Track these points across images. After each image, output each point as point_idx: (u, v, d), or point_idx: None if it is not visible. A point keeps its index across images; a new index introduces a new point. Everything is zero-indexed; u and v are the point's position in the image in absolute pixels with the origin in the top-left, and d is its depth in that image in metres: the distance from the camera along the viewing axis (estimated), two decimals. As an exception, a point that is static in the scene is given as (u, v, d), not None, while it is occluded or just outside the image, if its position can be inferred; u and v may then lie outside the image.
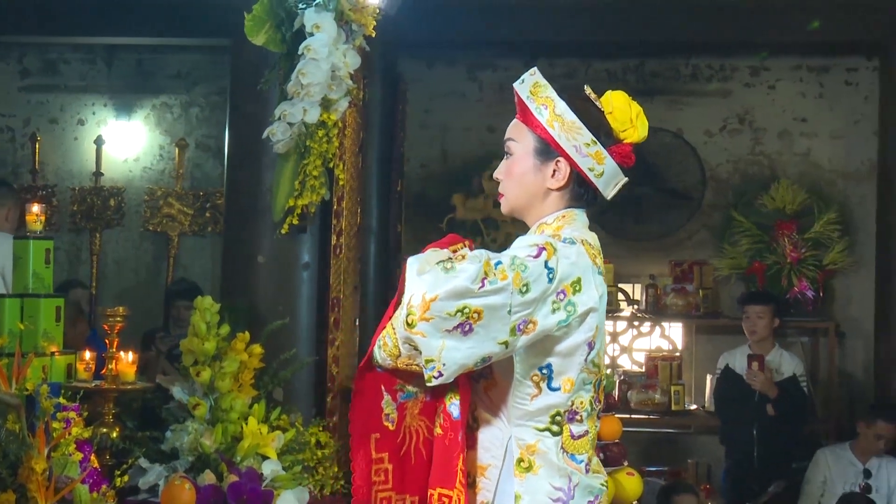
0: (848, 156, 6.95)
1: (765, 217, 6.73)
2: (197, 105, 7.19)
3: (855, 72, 6.97)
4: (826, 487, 5.53)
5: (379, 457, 2.28)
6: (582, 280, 2.15)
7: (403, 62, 6.65)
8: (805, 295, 6.53)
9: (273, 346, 3.92)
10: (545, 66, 7.06)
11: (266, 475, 3.65)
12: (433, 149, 7.15)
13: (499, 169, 2.37)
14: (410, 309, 2.07)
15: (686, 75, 7.05)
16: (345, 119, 4.13)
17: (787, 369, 5.87)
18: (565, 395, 2.18)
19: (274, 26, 3.84)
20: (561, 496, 2.18)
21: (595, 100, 2.30)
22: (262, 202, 4.05)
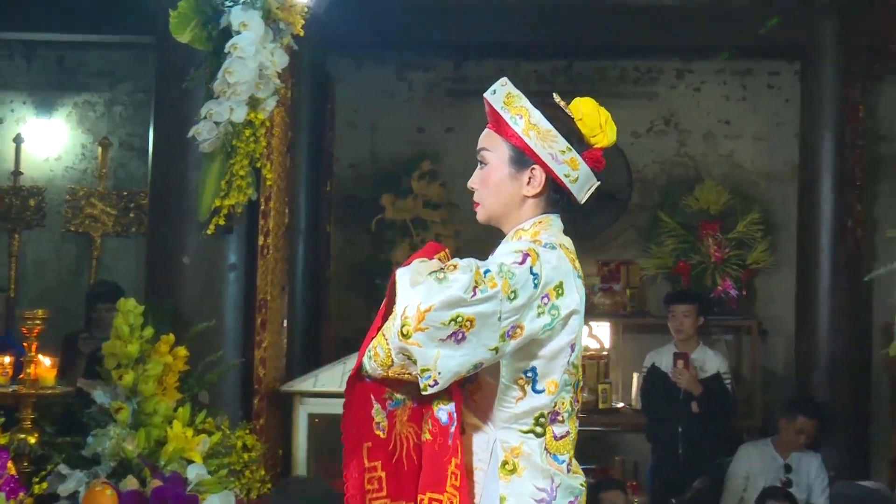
0: (770, 157, 7.08)
1: (690, 217, 6.81)
2: (121, 103, 7.07)
3: (777, 75, 7.10)
4: (749, 482, 5.62)
5: (372, 465, 2.29)
6: (564, 284, 2.20)
7: (332, 61, 6.62)
8: (729, 294, 6.62)
9: (199, 349, 3.89)
10: (473, 66, 7.11)
11: (191, 479, 3.60)
12: (362, 149, 7.11)
13: (473, 178, 2.39)
14: (405, 320, 2.10)
15: (613, 77, 7.12)
16: (272, 118, 4.11)
17: (712, 367, 5.94)
18: (549, 396, 2.23)
19: (200, 24, 3.80)
20: (544, 497, 2.22)
21: (563, 106, 2.34)
22: (188, 202, 4.01)
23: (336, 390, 4.20)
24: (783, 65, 7.03)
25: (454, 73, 7.17)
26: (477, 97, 8.00)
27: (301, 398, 4.25)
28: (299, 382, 4.33)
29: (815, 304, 6.46)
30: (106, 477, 3.51)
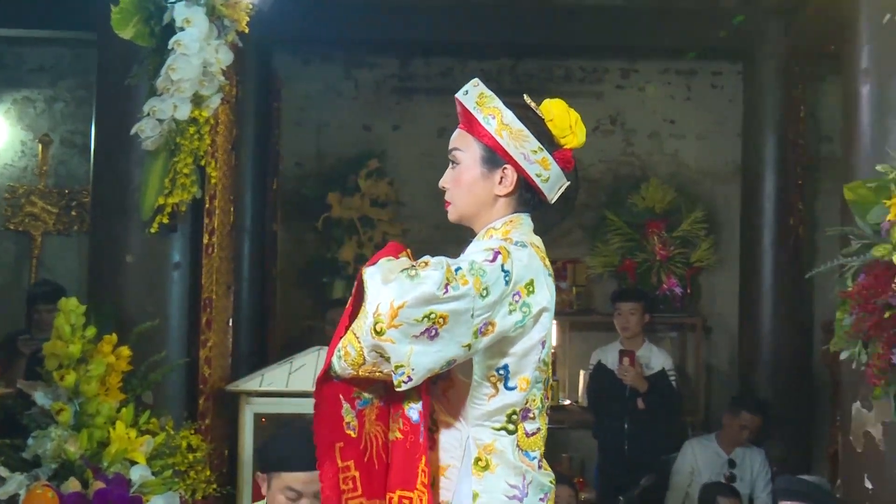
0: (714, 156, 7.18)
1: (635, 216, 6.88)
2: (62, 100, 6.97)
3: (720, 75, 7.20)
4: (693, 478, 5.70)
5: (345, 465, 2.29)
6: (535, 281, 2.22)
7: (278, 59, 6.59)
8: (673, 291, 6.70)
9: (142, 348, 3.86)
10: (421, 65, 7.11)
11: (134, 481, 3.57)
12: (309, 147, 7.10)
13: (445, 178, 2.40)
14: (378, 317, 2.11)
15: (559, 77, 7.17)
16: (217, 116, 4.09)
17: (657, 364, 6.01)
18: (521, 393, 2.25)
19: (142, 20, 3.77)
20: (516, 493, 2.24)
21: (534, 107, 2.37)
22: (131, 200, 3.98)
23: (282, 389, 4.19)
24: (726, 65, 7.13)
25: (401, 71, 7.18)
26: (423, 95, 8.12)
27: (247, 398, 4.22)
28: (245, 382, 4.31)
29: (757, 301, 6.56)
30: (47, 479, 3.47)
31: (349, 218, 6.85)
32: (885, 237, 3.70)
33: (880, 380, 3.69)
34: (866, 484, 3.88)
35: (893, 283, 3.65)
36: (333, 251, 6.86)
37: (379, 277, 2.16)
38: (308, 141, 7.09)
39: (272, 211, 6.30)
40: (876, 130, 3.95)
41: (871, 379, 3.71)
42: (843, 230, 3.96)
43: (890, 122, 3.93)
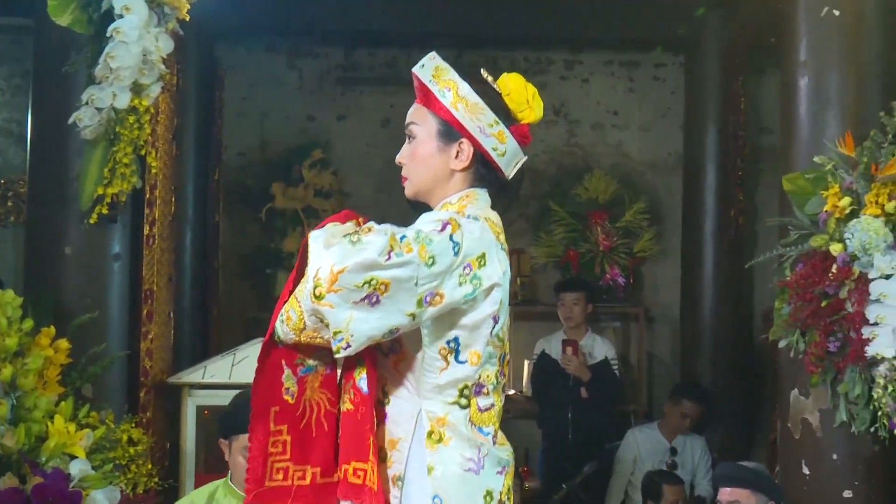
0: (656, 148, 7.24)
1: (579, 206, 6.91)
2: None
3: (663, 67, 7.27)
4: (636, 465, 5.76)
5: (277, 429, 2.27)
6: (487, 255, 2.21)
7: (221, 48, 6.53)
8: (616, 281, 6.75)
9: (82, 341, 3.81)
10: (366, 55, 7.09)
11: (74, 475, 3.52)
12: (252, 137, 7.04)
13: (401, 153, 2.38)
14: (318, 281, 2.09)
15: (503, 67, 7.14)
16: (157, 105, 4.05)
17: (600, 353, 6.06)
18: (472, 368, 2.24)
19: (80, 6, 3.72)
20: (472, 466, 2.23)
21: (491, 82, 2.35)
22: (69, 191, 3.92)
23: (225, 381, 4.17)
24: (669, 57, 7.19)
25: (345, 62, 7.14)
26: (368, 85, 8.07)
27: (189, 390, 4.20)
28: (187, 374, 4.28)
29: (699, 291, 6.64)
30: (-17, 474, 3.42)
31: (293, 208, 6.81)
32: (823, 227, 3.76)
33: (817, 368, 3.76)
34: (804, 470, 3.94)
35: (830, 272, 3.72)
36: (277, 242, 6.81)
37: (322, 241, 2.15)
38: (251, 131, 7.03)
39: (214, 201, 6.25)
40: (814, 122, 4.01)
41: (809, 367, 3.78)
42: (782, 221, 4.02)
43: (827, 114, 3.99)
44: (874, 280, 3.63)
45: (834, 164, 3.77)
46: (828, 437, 3.87)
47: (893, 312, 3.59)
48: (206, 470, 4.27)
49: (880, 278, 3.63)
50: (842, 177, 3.74)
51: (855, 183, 3.71)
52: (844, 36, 3.98)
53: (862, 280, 3.65)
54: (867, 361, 3.63)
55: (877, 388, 3.63)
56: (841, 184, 3.73)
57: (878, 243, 3.62)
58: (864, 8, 3.98)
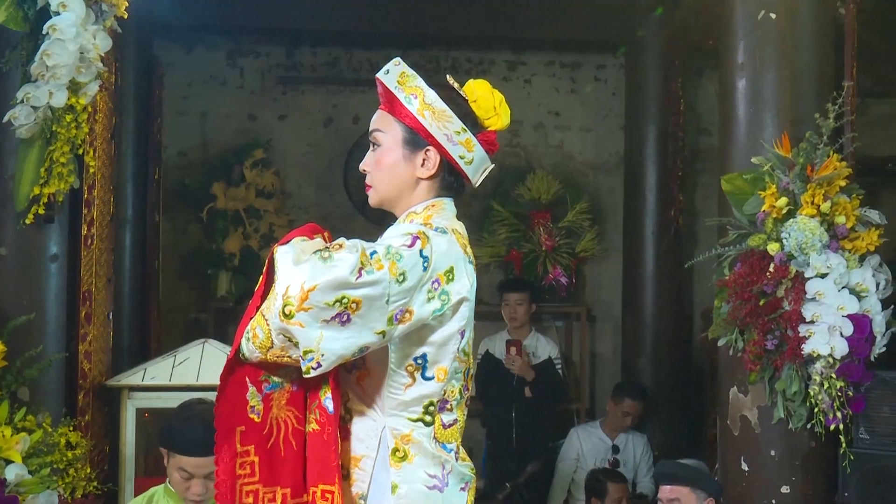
0: (597, 148, 7.31)
1: (521, 206, 6.94)
2: (-70, 85, 6.68)
3: (604, 68, 7.33)
4: (579, 463, 5.81)
5: (244, 450, 2.21)
6: (455, 269, 2.17)
7: (160, 45, 6.45)
8: (559, 281, 6.79)
9: (18, 343, 3.76)
10: (308, 54, 7.06)
11: (10, 480, 3.47)
12: (192, 136, 6.97)
13: (366, 160, 2.32)
14: (287, 299, 2.02)
15: (446, 67, 7.18)
16: (95, 104, 3.99)
17: (544, 352, 6.10)
18: (439, 384, 2.20)
19: (15, 3, 3.66)
20: (436, 483, 2.20)
21: (458, 88, 2.31)
22: (4, 190, 3.86)
23: (166, 384, 4.13)
24: (609, 58, 7.26)
25: (286, 61, 7.10)
26: (310, 84, 8.03)
27: (129, 392, 4.14)
28: (127, 376, 4.22)
29: (640, 290, 6.70)
30: (-84, 481, 3.35)
31: (234, 209, 6.75)
32: (761, 227, 3.82)
33: (755, 365, 3.82)
34: (743, 466, 4.00)
35: (768, 271, 3.78)
36: (218, 243, 6.75)
37: (290, 258, 2.08)
38: (192, 130, 6.96)
39: (154, 201, 6.17)
40: (751, 123, 4.07)
41: (747, 364, 3.84)
42: (721, 221, 4.08)
43: (764, 115, 4.05)
44: (810, 279, 3.70)
45: (771, 165, 3.83)
46: (766, 433, 3.93)
47: (829, 311, 3.66)
48: (146, 473, 4.22)
49: (816, 277, 3.70)
50: (779, 177, 3.81)
51: (791, 184, 3.77)
52: (780, 39, 4.04)
53: (798, 279, 3.72)
54: (804, 359, 3.70)
55: (813, 385, 3.70)
56: (778, 184, 3.80)
57: (813, 243, 3.69)
58: (799, 11, 4.05)
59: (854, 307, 3.66)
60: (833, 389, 3.66)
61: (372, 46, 7.07)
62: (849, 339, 3.65)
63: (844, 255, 3.72)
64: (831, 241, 3.72)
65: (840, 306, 3.65)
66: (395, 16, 6.55)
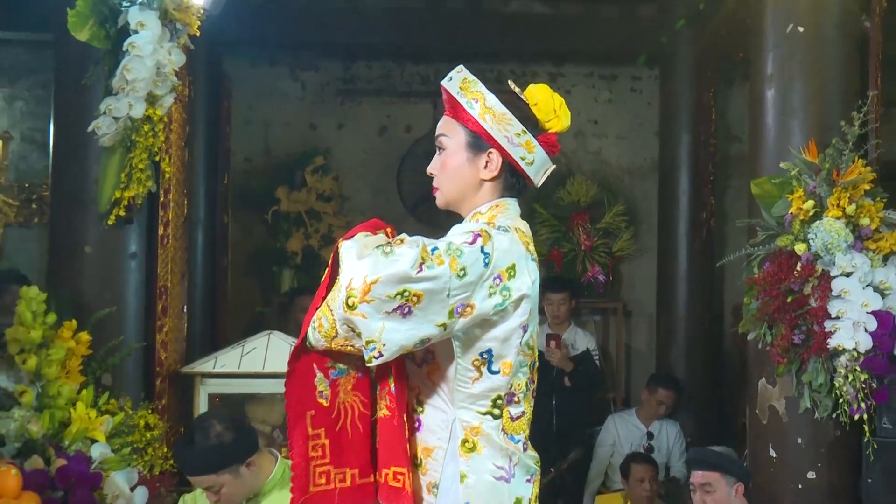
0: (633, 154, 7.26)
1: (562, 209, 6.92)
2: (21, 98, 6.81)
3: (639, 80, 7.28)
4: (615, 449, 5.78)
5: (315, 433, 2.17)
6: (516, 266, 2.11)
7: (228, 61, 6.52)
8: (597, 278, 6.77)
9: (101, 334, 3.82)
10: (363, 68, 7.09)
11: (95, 458, 3.53)
12: (257, 144, 7.03)
13: (432, 164, 2.27)
14: (351, 291, 1.99)
15: (491, 79, 7.14)
16: (170, 114, 4.04)
17: (582, 345, 6.08)
18: (505, 378, 2.13)
19: (98, 22, 3.72)
20: (503, 474, 2.14)
21: (519, 93, 2.26)
22: (89, 194, 3.92)
23: (235, 371, 4.17)
24: (644, 70, 7.20)
25: (344, 74, 7.14)
26: (365, 96, 8.04)
27: (201, 379, 4.19)
28: (199, 364, 4.27)
29: (673, 287, 6.65)
30: (11, 458, 3.42)
31: (296, 211, 6.81)
32: (788, 228, 3.79)
33: (783, 358, 3.78)
34: (771, 453, 3.97)
35: (795, 270, 3.74)
36: (281, 242, 6.81)
37: (354, 252, 2.04)
38: (257, 138, 7.03)
39: (223, 204, 6.24)
40: (779, 131, 4.03)
41: (775, 358, 3.80)
42: (751, 222, 4.04)
43: (792, 123, 4.01)
44: (836, 277, 3.66)
45: (798, 170, 3.79)
46: (793, 422, 3.89)
47: (853, 307, 3.61)
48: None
49: (841, 276, 3.65)
50: (806, 182, 3.76)
51: (818, 187, 3.73)
52: (808, 51, 3.99)
53: (824, 277, 3.68)
54: (829, 353, 3.65)
55: (838, 377, 3.65)
56: (805, 188, 3.75)
57: (839, 243, 3.64)
58: (825, 24, 4.00)
59: (878, 304, 3.62)
60: (857, 381, 3.61)
61: (422, 61, 7.08)
62: (872, 334, 3.60)
63: (868, 255, 3.67)
64: (856, 241, 3.68)
65: (864, 303, 3.61)
66: (444, 32, 6.57)
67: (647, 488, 4.85)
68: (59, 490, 3.36)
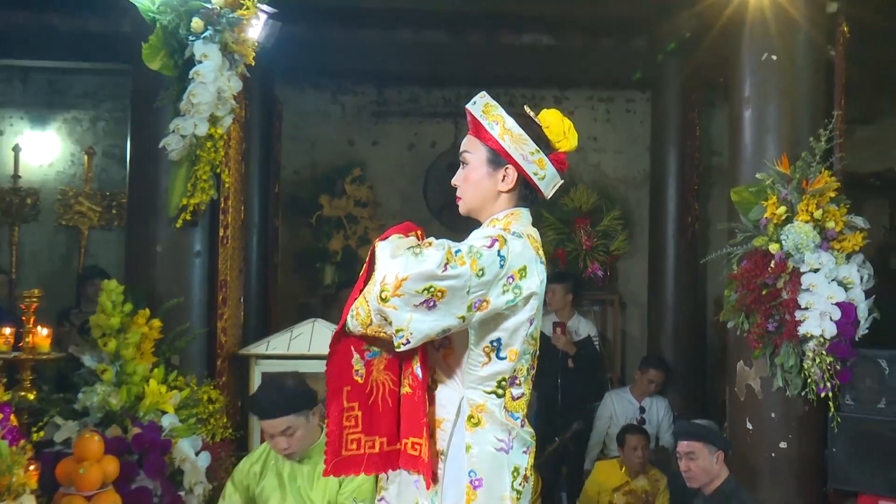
0: (628, 167, 7.22)
1: (566, 214, 6.89)
2: (103, 119, 6.87)
3: (633, 101, 7.24)
4: (612, 421, 5.74)
5: (350, 405, 2.18)
6: (527, 268, 2.11)
7: (279, 87, 6.54)
8: (596, 274, 6.74)
9: (170, 321, 3.85)
10: (394, 92, 7.09)
11: (165, 427, 3.56)
12: (303, 158, 7.05)
13: (457, 176, 2.27)
14: (384, 286, 2.00)
15: (505, 102, 7.06)
16: (229, 133, 4.06)
17: (584, 332, 6.03)
18: (510, 363, 2.15)
19: (168, 54, 3.74)
20: (503, 446, 2.15)
21: (533, 116, 2.27)
22: (160, 201, 3.94)
23: (284, 353, 4.18)
24: (637, 94, 7.16)
25: (378, 98, 7.14)
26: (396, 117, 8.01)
27: (255, 359, 4.21)
28: (254, 347, 4.29)
29: (662, 281, 6.61)
30: (94, 426, 3.44)
31: (337, 216, 6.82)
32: (763, 231, 3.76)
33: (759, 343, 3.75)
34: (748, 425, 3.94)
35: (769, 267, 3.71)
36: (324, 242, 6.83)
37: (388, 252, 2.05)
38: (303, 153, 7.04)
39: (274, 210, 6.26)
40: (756, 146, 4.00)
41: (752, 343, 3.77)
42: (730, 225, 4.01)
43: (767, 138, 3.98)
44: (805, 273, 3.63)
45: (772, 180, 3.76)
46: (767, 399, 3.86)
47: (820, 299, 3.58)
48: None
49: (810, 272, 3.62)
50: (779, 190, 3.73)
51: (789, 195, 3.70)
52: (780, 76, 3.97)
53: (795, 273, 3.65)
54: (799, 339, 3.62)
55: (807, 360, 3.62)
56: (778, 195, 3.72)
57: (808, 244, 3.61)
58: (796, 53, 3.98)
59: (842, 296, 3.58)
60: (824, 364, 3.58)
61: (445, 86, 7.07)
62: (837, 322, 3.57)
63: (834, 254, 3.64)
64: (823, 242, 3.64)
65: (830, 296, 3.58)
66: (464, 61, 6.55)
67: (639, 455, 4.82)
68: (135, 454, 3.39)
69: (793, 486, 3.86)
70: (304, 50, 6.15)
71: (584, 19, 6.18)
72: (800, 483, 3.86)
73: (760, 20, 3.97)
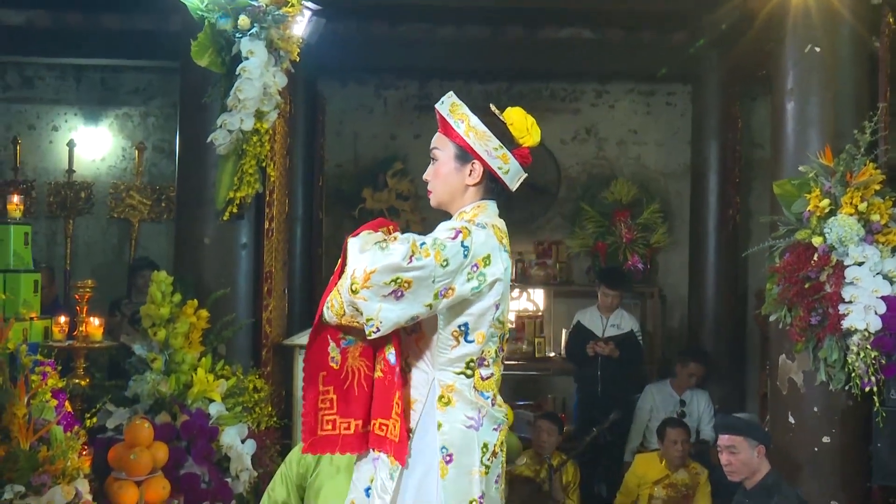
0: (668, 159, 7.13)
1: (606, 207, 6.84)
2: (153, 115, 6.97)
3: (674, 94, 7.14)
4: (652, 414, 5.69)
5: (325, 389, 2.29)
6: (491, 256, 2.20)
7: (323, 82, 6.57)
8: (637, 267, 6.68)
9: (217, 311, 3.89)
10: (437, 86, 7.09)
11: (212, 415, 3.60)
12: (347, 152, 7.08)
13: (427, 172, 2.38)
14: (354, 279, 2.11)
15: (546, 96, 7.12)
16: (275, 127, 4.08)
17: (627, 326, 5.97)
18: (478, 346, 2.23)
19: (215, 51, 3.77)
20: (472, 423, 2.23)
21: (498, 114, 2.34)
22: (208, 194, 3.98)
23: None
24: (678, 87, 7.07)
25: (420, 92, 7.14)
26: (439, 111, 7.83)
27: (300, 349, 4.23)
28: (298, 337, 4.32)
29: (703, 274, 6.53)
30: (144, 413, 3.50)
31: (379, 208, 6.84)
32: (806, 224, 3.68)
33: (801, 337, 3.68)
34: (790, 420, 3.87)
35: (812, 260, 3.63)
36: (367, 235, 6.84)
37: (357, 247, 2.17)
38: (346, 147, 7.07)
39: (318, 203, 6.30)
40: (798, 138, 3.92)
41: (794, 336, 3.70)
42: (773, 218, 3.93)
43: (810, 131, 3.90)
44: (849, 266, 3.55)
45: (815, 173, 3.69)
46: (809, 393, 3.79)
47: (864, 293, 3.50)
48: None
49: (854, 265, 3.54)
50: (822, 183, 3.66)
51: (833, 188, 3.62)
52: (823, 68, 3.88)
53: (838, 266, 3.57)
54: (842, 332, 3.55)
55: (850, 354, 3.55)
56: (821, 188, 3.65)
57: (852, 237, 3.53)
58: (839, 45, 3.89)
59: (887, 290, 3.50)
60: (868, 358, 3.50)
61: (485, 80, 7.05)
62: (882, 316, 3.49)
63: (878, 247, 3.56)
64: (867, 235, 3.56)
65: (874, 289, 3.49)
66: (505, 56, 6.52)
67: (679, 449, 4.77)
68: (184, 440, 3.43)
69: (836, 481, 3.78)
70: (348, 46, 6.16)
71: (624, 13, 6.11)
72: (843, 478, 3.78)
73: (804, 12, 3.88)
